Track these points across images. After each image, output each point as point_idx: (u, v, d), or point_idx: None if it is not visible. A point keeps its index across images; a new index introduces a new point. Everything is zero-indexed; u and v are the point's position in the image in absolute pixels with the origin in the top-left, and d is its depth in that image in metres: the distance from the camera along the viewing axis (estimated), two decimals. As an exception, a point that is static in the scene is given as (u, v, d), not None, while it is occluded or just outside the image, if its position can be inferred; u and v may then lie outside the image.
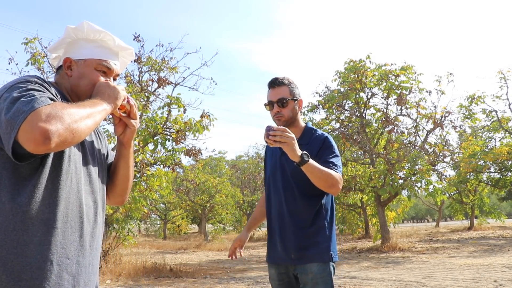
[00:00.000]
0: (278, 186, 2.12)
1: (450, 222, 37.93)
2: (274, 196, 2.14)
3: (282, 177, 2.10)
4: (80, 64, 1.35)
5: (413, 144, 12.39)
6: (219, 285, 6.89)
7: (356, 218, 19.50)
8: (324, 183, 1.94)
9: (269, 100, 2.12)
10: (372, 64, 12.57)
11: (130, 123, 1.38)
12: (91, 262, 1.23)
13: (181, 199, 21.22)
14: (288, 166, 2.06)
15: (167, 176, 9.45)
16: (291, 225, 2.04)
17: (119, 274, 7.85)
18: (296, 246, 2.02)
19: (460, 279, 6.28)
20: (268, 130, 1.81)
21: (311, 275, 1.97)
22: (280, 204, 2.09)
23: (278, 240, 2.08)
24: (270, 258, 2.15)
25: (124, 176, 1.46)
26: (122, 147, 1.43)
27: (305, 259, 2.00)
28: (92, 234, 1.25)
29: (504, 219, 20.36)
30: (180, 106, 8.35)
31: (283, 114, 2.08)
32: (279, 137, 1.78)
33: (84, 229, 1.20)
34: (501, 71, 14.68)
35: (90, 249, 1.23)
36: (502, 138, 17.17)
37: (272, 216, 2.14)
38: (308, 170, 1.88)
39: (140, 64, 8.74)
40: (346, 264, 9.16)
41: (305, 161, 1.85)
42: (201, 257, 12.93)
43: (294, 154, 1.82)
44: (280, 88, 2.10)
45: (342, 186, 11.39)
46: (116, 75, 1.42)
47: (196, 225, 31.71)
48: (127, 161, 1.45)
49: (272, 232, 2.14)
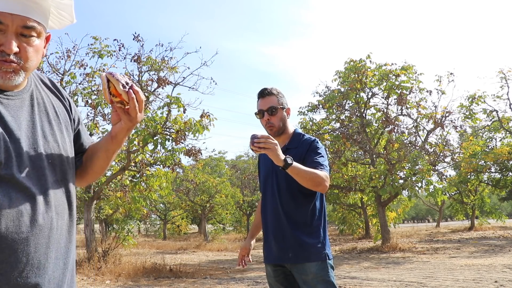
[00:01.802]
0: (272, 190, 2.22)
1: (451, 222, 37.92)
2: (270, 199, 2.24)
3: (276, 181, 2.21)
4: None
5: (414, 144, 12.37)
6: (219, 285, 6.87)
7: (356, 218, 19.49)
8: (311, 182, 2.05)
9: (259, 109, 2.27)
10: (372, 64, 12.55)
11: (124, 117, 1.17)
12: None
13: (181, 199, 21.20)
14: (280, 171, 2.15)
15: (167, 176, 9.44)
16: (287, 226, 2.14)
17: (119, 275, 7.83)
18: (293, 246, 2.11)
19: (461, 280, 6.26)
20: (253, 138, 1.94)
21: (311, 275, 2.07)
22: (276, 206, 2.19)
23: (274, 241, 2.19)
24: (267, 259, 2.26)
25: (100, 168, 1.33)
26: (109, 139, 1.25)
27: (303, 258, 2.09)
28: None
29: (505, 219, 20.32)
30: (180, 106, 8.33)
31: (273, 123, 2.23)
32: (263, 144, 1.91)
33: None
34: (502, 70, 14.64)
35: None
36: (503, 138, 17.13)
37: (268, 219, 2.24)
38: (294, 172, 1.99)
39: (140, 64, 8.73)
40: (347, 265, 9.13)
41: (288, 164, 1.96)
42: (201, 257, 12.91)
43: (278, 159, 1.95)
44: (270, 98, 2.25)
45: (343, 186, 11.29)
46: (24, 27, 1.05)
47: (196, 225, 31.69)
48: (110, 156, 1.29)
49: (268, 234, 2.24)
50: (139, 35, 8.57)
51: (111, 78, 1.12)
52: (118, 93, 1.12)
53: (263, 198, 2.31)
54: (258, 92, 2.29)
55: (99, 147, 1.31)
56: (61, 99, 1.26)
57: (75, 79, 8.85)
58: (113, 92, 1.12)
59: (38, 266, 1.04)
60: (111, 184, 10.02)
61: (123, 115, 1.17)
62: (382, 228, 12.47)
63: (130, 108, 1.14)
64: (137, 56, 8.68)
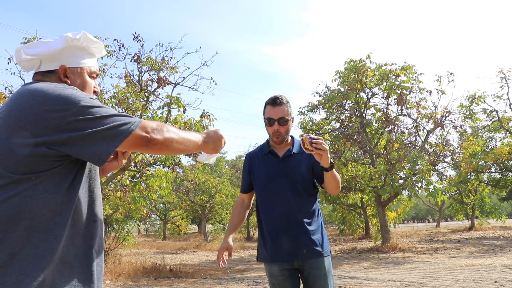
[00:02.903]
0: (281, 189, 2.28)
1: (451, 222, 37.93)
2: (278, 198, 2.28)
3: (286, 181, 2.28)
4: (75, 72, 1.40)
5: (414, 144, 12.36)
6: (219, 285, 6.87)
7: (356, 218, 19.49)
8: (336, 185, 2.24)
9: (270, 117, 2.30)
10: (372, 64, 12.55)
11: (121, 160, 1.54)
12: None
13: (181, 199, 21.20)
14: (291, 171, 2.29)
15: (167, 176, 9.43)
16: (299, 223, 2.24)
17: (119, 275, 7.83)
18: (307, 243, 2.22)
19: (461, 280, 6.26)
20: (310, 139, 2.00)
21: (323, 270, 2.22)
22: (287, 205, 2.26)
23: (286, 239, 2.23)
24: (274, 258, 2.27)
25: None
26: (100, 171, 1.52)
27: (317, 253, 2.22)
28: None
29: (505, 219, 20.33)
30: (180, 106, 8.33)
31: (281, 132, 2.30)
32: (320, 145, 2.01)
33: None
34: (502, 70, 14.65)
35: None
36: (503, 138, 17.13)
37: (276, 218, 2.27)
38: (332, 174, 2.17)
39: (140, 64, 8.72)
40: (347, 265, 9.13)
41: (333, 166, 2.15)
42: (201, 257, 12.91)
43: (327, 161, 2.09)
44: (281, 108, 2.28)
45: (343, 187, 11.39)
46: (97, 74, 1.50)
47: (196, 225, 31.68)
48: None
49: (276, 233, 2.27)
50: (139, 35, 8.57)
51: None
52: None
53: (265, 198, 2.33)
54: (270, 99, 2.31)
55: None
56: None
57: (75, 79, 8.82)
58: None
59: (100, 250, 1.33)
60: (111, 184, 10.02)
61: (120, 158, 1.55)
62: (382, 228, 12.47)
63: (126, 153, 1.57)
64: (137, 56, 8.67)
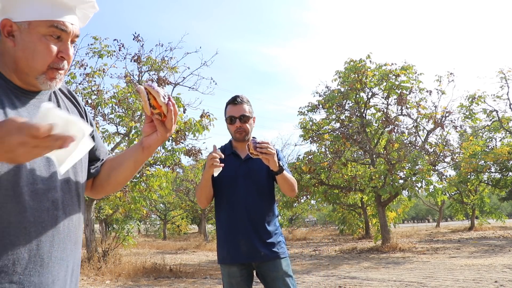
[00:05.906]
0: (242, 191, 2.30)
1: (451, 222, 37.92)
2: (238, 200, 2.30)
3: (247, 183, 2.31)
4: (23, 29, 1.00)
5: (414, 144, 12.36)
6: (219, 285, 6.87)
7: (356, 218, 19.49)
8: (290, 188, 2.28)
9: (231, 115, 2.38)
10: (372, 64, 12.54)
11: (161, 129, 1.17)
12: None
13: (181, 199, 21.20)
14: (252, 173, 2.32)
15: (167, 176, 9.43)
16: (258, 225, 2.27)
17: (119, 275, 7.83)
18: (265, 244, 2.25)
19: (461, 280, 6.26)
20: (254, 143, 2.00)
21: (281, 271, 2.24)
22: (247, 207, 2.28)
23: (244, 241, 2.25)
24: (233, 259, 2.28)
25: (125, 179, 1.32)
26: (140, 150, 1.24)
27: (274, 255, 2.25)
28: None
29: (505, 219, 20.31)
30: (180, 106, 8.34)
31: (244, 129, 2.36)
32: (265, 150, 2.03)
33: None
34: (502, 70, 14.64)
35: None
36: (503, 138, 17.13)
37: (237, 219, 2.28)
38: (283, 177, 2.22)
39: (140, 64, 8.73)
40: (346, 265, 9.13)
41: (282, 169, 2.19)
42: (201, 257, 12.90)
43: (275, 165, 2.13)
44: (241, 106, 2.38)
45: (343, 186, 11.35)
46: (75, 36, 1.09)
47: (196, 225, 31.69)
48: (138, 166, 1.28)
49: (235, 234, 2.28)
50: (139, 35, 8.59)
51: (152, 90, 1.11)
52: (159, 105, 1.11)
53: (226, 199, 2.32)
54: (230, 99, 2.41)
55: (126, 158, 1.30)
56: (76, 105, 1.28)
57: (75, 79, 8.84)
58: (153, 104, 1.12)
59: (42, 265, 1.01)
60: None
61: (160, 127, 1.17)
62: (382, 228, 12.47)
63: (167, 120, 1.15)
64: (137, 56, 8.69)
